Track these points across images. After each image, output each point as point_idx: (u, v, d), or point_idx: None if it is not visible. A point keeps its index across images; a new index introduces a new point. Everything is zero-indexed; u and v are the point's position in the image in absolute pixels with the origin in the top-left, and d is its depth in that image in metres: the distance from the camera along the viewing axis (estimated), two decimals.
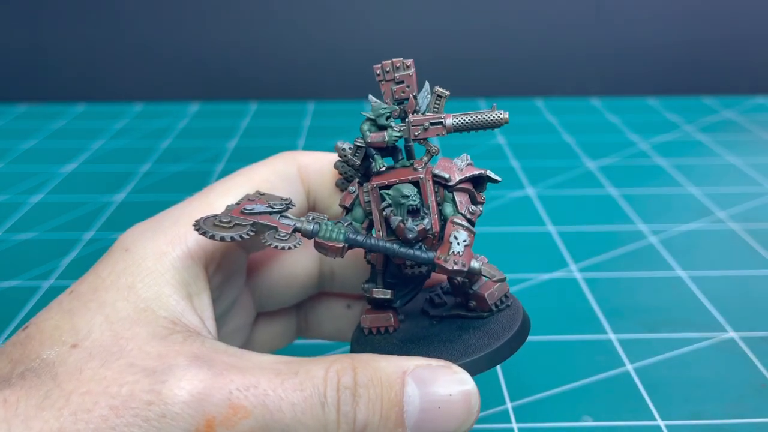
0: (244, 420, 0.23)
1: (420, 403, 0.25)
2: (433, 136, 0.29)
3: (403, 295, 0.32)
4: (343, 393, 0.24)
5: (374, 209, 0.29)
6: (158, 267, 0.27)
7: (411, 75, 0.29)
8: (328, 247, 0.28)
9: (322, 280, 0.36)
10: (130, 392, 0.23)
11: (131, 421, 0.22)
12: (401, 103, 0.29)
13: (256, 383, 0.24)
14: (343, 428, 0.24)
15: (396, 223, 0.28)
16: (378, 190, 0.29)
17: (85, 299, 0.27)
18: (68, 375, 0.23)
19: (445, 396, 0.25)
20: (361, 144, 0.30)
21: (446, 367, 0.26)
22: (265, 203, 0.29)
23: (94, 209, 0.68)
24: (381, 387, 0.25)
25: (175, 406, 0.23)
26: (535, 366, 0.44)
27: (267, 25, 1.00)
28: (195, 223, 0.27)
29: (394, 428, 0.25)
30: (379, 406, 0.24)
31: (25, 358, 0.25)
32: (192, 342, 0.25)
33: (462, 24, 1.00)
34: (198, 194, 0.32)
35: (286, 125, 0.93)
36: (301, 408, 0.23)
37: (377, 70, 0.29)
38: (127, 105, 1.02)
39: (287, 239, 0.27)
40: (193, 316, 0.27)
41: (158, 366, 0.24)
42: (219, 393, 0.23)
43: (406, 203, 0.28)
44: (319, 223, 0.28)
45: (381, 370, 0.25)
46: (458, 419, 0.25)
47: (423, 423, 0.25)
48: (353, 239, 0.28)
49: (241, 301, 0.35)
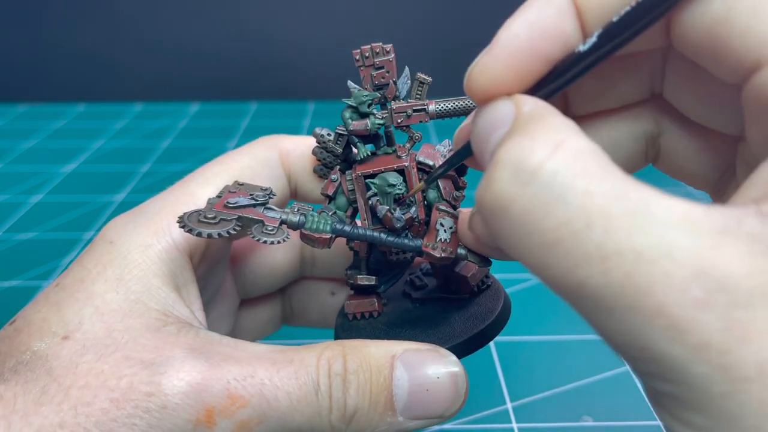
0: (242, 409, 0.23)
1: (409, 387, 0.25)
2: (416, 122, 0.29)
3: (386, 281, 0.32)
4: (335, 380, 0.24)
5: (359, 198, 0.29)
6: (144, 259, 0.27)
7: (391, 60, 0.29)
8: (315, 239, 0.28)
9: (303, 265, 0.37)
10: (129, 384, 0.23)
11: (132, 413, 0.22)
12: (381, 88, 0.29)
13: (253, 373, 0.24)
14: (335, 414, 0.24)
15: (383, 212, 0.28)
16: (363, 179, 0.29)
17: (72, 290, 0.27)
18: (64, 369, 0.23)
19: (432, 379, 0.25)
20: (342, 132, 0.30)
21: (434, 351, 0.26)
22: (247, 194, 0.29)
23: (94, 209, 0.68)
24: (370, 372, 0.25)
25: (175, 397, 0.23)
26: (535, 366, 0.44)
27: (267, 25, 1.00)
28: (179, 220, 0.27)
29: (384, 412, 0.25)
30: (368, 391, 0.25)
31: (15, 351, 0.25)
32: (186, 333, 0.25)
33: (462, 24, 1.00)
34: (178, 183, 0.32)
35: (286, 125, 0.93)
36: (297, 396, 0.24)
37: (356, 55, 0.29)
38: (127, 105, 1.02)
39: (275, 233, 0.27)
40: (183, 308, 0.27)
41: (155, 358, 0.24)
42: (217, 383, 0.23)
43: (392, 192, 0.28)
44: (304, 215, 0.28)
45: (370, 355, 0.25)
46: (446, 401, 0.26)
47: (412, 406, 0.25)
48: (340, 230, 0.28)
49: (224, 288, 0.35)
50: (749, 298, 0.15)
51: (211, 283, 0.33)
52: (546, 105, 0.20)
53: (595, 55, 0.20)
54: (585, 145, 0.18)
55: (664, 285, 0.15)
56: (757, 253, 0.15)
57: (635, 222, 0.16)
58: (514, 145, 0.18)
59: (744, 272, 0.15)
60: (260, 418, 0.23)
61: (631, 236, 0.16)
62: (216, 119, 0.96)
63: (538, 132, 0.18)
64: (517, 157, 0.18)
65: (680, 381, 0.16)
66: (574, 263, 0.17)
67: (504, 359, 0.45)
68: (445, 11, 1.00)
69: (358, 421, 0.25)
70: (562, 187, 0.17)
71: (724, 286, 0.15)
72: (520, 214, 0.18)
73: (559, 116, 0.19)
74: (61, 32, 1.01)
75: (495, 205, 0.18)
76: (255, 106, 1.01)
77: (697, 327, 0.15)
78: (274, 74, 1.03)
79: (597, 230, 0.16)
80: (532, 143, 0.18)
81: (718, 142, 0.23)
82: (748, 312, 0.15)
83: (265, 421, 0.24)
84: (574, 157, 0.17)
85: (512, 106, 0.20)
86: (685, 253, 0.15)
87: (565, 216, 0.17)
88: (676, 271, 0.15)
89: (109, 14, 1.00)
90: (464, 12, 1.00)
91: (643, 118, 0.25)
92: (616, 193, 0.17)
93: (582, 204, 0.17)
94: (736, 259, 0.15)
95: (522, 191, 0.18)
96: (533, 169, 0.17)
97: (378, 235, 0.29)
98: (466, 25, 1.00)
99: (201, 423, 0.23)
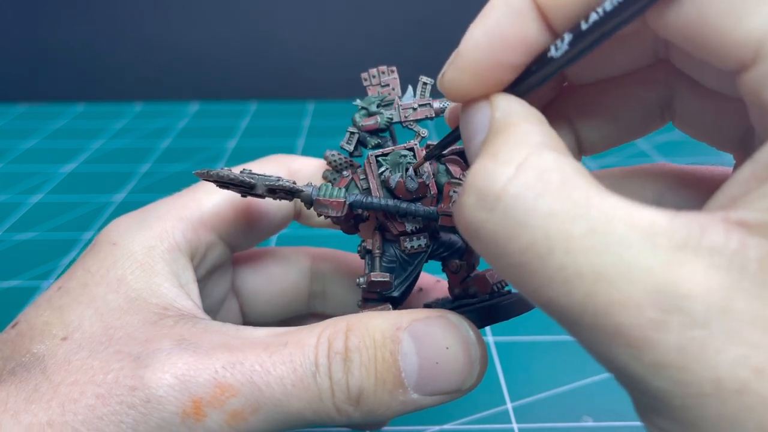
0: (232, 398, 0.22)
1: (418, 360, 0.23)
2: (422, 117, 0.31)
3: (400, 283, 0.32)
4: (334, 359, 0.23)
5: (371, 179, 0.30)
6: (148, 260, 0.27)
7: (395, 79, 0.31)
8: (329, 204, 0.28)
9: (313, 299, 0.36)
10: (114, 379, 0.22)
11: (117, 409, 0.22)
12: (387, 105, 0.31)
13: (242, 359, 0.23)
14: (338, 396, 0.23)
15: (396, 179, 0.29)
16: (375, 159, 0.30)
17: (76, 294, 0.26)
18: (57, 367, 0.23)
19: (442, 349, 0.23)
20: (354, 131, 0.31)
21: (442, 317, 0.24)
22: None
23: (94, 209, 0.68)
24: (374, 348, 0.23)
25: (159, 389, 0.22)
26: (535, 366, 0.44)
27: (267, 24, 1.00)
28: (201, 173, 0.26)
29: (394, 389, 0.23)
30: (372, 368, 0.23)
31: (16, 354, 0.25)
32: (183, 324, 0.25)
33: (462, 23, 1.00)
34: (184, 190, 0.32)
35: (286, 125, 0.93)
36: (291, 381, 0.22)
37: (364, 77, 0.31)
38: (126, 105, 1.02)
39: (286, 182, 0.28)
40: (186, 300, 0.27)
41: (143, 351, 0.23)
42: (204, 373, 0.22)
43: (404, 161, 0.29)
44: (318, 187, 0.29)
45: (375, 328, 0.24)
46: (460, 374, 0.24)
47: (424, 381, 0.23)
48: (354, 196, 0.29)
49: (227, 307, 0.35)
50: (706, 316, 0.15)
51: (211, 292, 0.33)
52: (518, 107, 0.20)
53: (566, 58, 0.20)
54: (548, 160, 0.18)
55: (621, 306, 0.15)
56: (716, 267, 0.15)
57: (594, 242, 0.16)
58: (478, 169, 0.18)
59: (701, 290, 0.15)
60: (254, 406, 0.22)
61: (589, 257, 0.16)
62: (216, 119, 0.96)
63: (502, 150, 0.18)
64: (481, 182, 0.18)
65: (644, 392, 0.16)
66: (540, 284, 0.17)
67: (504, 359, 0.45)
68: (444, 11, 1.00)
69: (366, 401, 0.23)
70: (524, 211, 0.17)
71: (680, 306, 0.15)
72: (488, 239, 0.18)
73: (529, 122, 0.19)
74: (61, 32, 1.00)
75: (465, 230, 0.19)
76: (255, 106, 1.01)
77: (653, 346, 0.15)
78: (274, 74, 1.03)
79: (558, 253, 0.16)
80: (495, 166, 0.18)
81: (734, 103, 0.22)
82: (705, 330, 0.15)
83: (260, 409, 0.22)
84: (536, 176, 0.17)
85: (488, 111, 0.21)
86: (641, 272, 0.15)
87: (529, 240, 0.17)
88: (632, 291, 0.15)
89: (109, 14, 1.00)
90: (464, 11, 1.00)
91: (652, 81, 0.24)
92: (577, 211, 0.17)
93: (544, 226, 0.17)
94: (695, 275, 0.15)
95: (488, 217, 0.18)
96: (496, 195, 0.18)
97: (393, 202, 0.29)
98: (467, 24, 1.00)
99: (189, 415, 0.22)
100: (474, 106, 0.21)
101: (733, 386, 0.14)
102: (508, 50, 0.20)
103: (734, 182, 0.16)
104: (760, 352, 0.14)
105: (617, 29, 0.19)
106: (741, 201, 0.16)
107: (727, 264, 0.15)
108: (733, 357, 0.14)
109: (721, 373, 0.14)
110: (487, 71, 0.21)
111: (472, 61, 0.21)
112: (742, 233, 0.15)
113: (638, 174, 0.26)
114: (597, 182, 0.17)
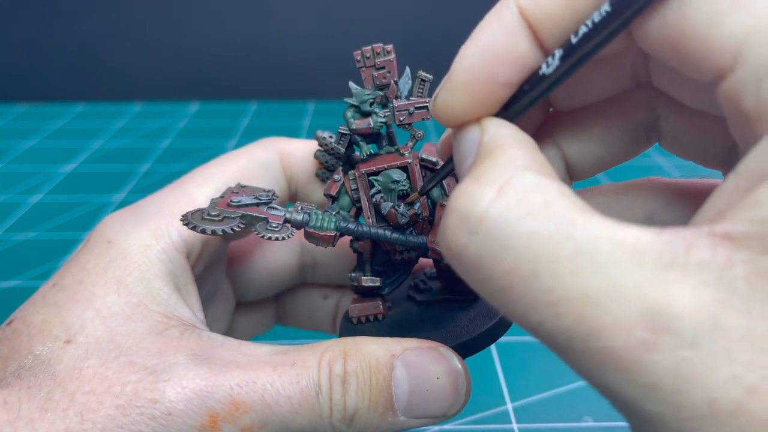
0: (245, 414, 0.23)
1: (408, 387, 0.25)
2: (418, 120, 0.29)
3: (390, 282, 0.32)
4: (335, 382, 0.24)
5: (363, 196, 0.29)
6: (144, 260, 0.27)
7: (392, 60, 0.29)
8: (319, 237, 0.28)
9: (303, 271, 0.36)
10: (134, 391, 0.23)
11: (138, 420, 0.23)
12: (382, 89, 0.29)
13: (255, 378, 0.24)
14: (335, 416, 0.24)
15: (387, 209, 0.28)
16: (366, 177, 0.29)
17: (72, 292, 0.27)
18: (68, 374, 0.23)
19: (432, 379, 0.25)
20: (345, 131, 0.30)
21: (434, 350, 0.26)
22: (250, 195, 0.29)
23: (94, 209, 0.68)
24: (370, 373, 0.25)
25: (180, 403, 0.23)
26: (535, 366, 0.44)
27: (267, 25, 1.00)
28: (183, 218, 0.27)
29: (384, 412, 0.25)
30: (368, 392, 0.25)
31: (16, 354, 0.25)
32: (189, 337, 0.25)
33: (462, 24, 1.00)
34: (175, 183, 0.32)
35: (286, 125, 0.93)
36: (298, 400, 0.24)
37: (357, 56, 0.29)
38: (126, 105, 1.02)
39: (279, 230, 0.27)
40: (185, 309, 0.27)
41: (158, 364, 0.24)
42: (221, 389, 0.24)
43: (396, 188, 0.28)
44: (308, 213, 0.28)
45: (371, 354, 0.25)
46: (447, 401, 0.26)
47: (413, 405, 0.25)
48: (344, 227, 0.28)
49: (221, 290, 0.35)
50: (695, 335, 0.14)
51: (208, 284, 0.33)
52: (508, 131, 0.20)
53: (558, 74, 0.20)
54: (531, 181, 0.17)
55: (611, 329, 0.15)
56: (704, 284, 0.15)
57: (581, 263, 0.16)
58: (461, 192, 0.18)
59: (690, 309, 0.15)
60: (263, 422, 0.24)
61: (577, 279, 0.16)
62: (216, 119, 0.96)
63: (485, 173, 0.18)
64: (462, 205, 0.18)
65: (640, 416, 0.15)
66: (526, 309, 0.16)
67: (504, 359, 0.45)
68: (444, 10, 1.00)
69: (359, 421, 0.25)
70: (506, 233, 0.17)
71: (670, 326, 0.15)
72: (471, 263, 0.18)
73: (516, 146, 0.19)
74: (60, 32, 1.00)
75: (448, 253, 0.18)
76: (255, 106, 1.01)
77: (645, 368, 0.15)
78: (274, 74, 1.03)
79: (544, 275, 0.16)
80: (477, 188, 0.18)
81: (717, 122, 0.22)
82: (695, 350, 0.14)
83: (268, 425, 0.24)
84: (518, 197, 0.17)
85: (478, 134, 0.20)
86: (629, 293, 0.15)
87: (513, 263, 0.16)
88: (621, 313, 0.15)
89: (109, 14, 1.00)
90: (463, 11, 1.00)
91: (635, 105, 0.25)
92: (561, 232, 0.16)
93: (527, 248, 0.16)
94: (682, 293, 0.15)
95: (469, 240, 0.17)
96: (478, 218, 0.17)
97: (383, 232, 0.29)
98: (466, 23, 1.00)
99: (205, 428, 0.23)
100: (465, 129, 0.21)
101: (728, 408, 0.14)
102: (501, 67, 0.20)
103: (719, 195, 0.16)
104: (752, 371, 0.14)
105: (606, 42, 0.19)
106: (727, 214, 0.15)
107: (715, 280, 0.15)
108: (725, 377, 0.14)
109: (715, 394, 0.14)
110: (480, 90, 0.21)
111: (466, 79, 0.21)
112: (728, 247, 0.15)
113: (628, 189, 0.27)
114: (582, 203, 0.17)
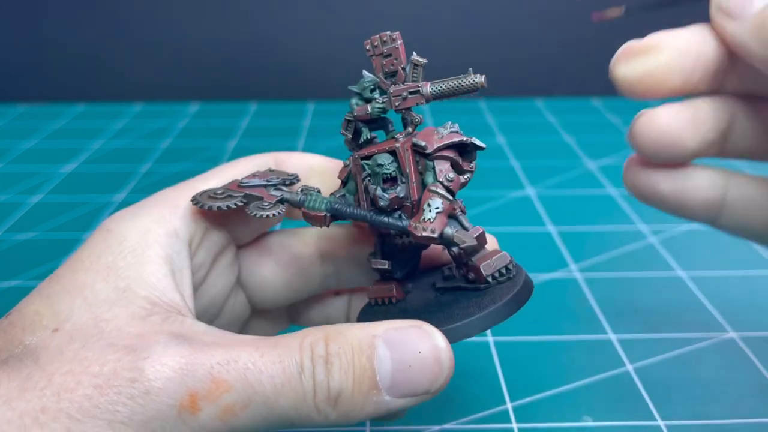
0: (226, 393, 0.23)
1: (391, 364, 0.25)
2: (413, 105, 0.29)
3: (401, 267, 0.32)
4: (317, 362, 0.24)
5: (358, 180, 0.30)
6: (141, 244, 0.28)
7: (398, 47, 0.29)
8: (311, 217, 0.29)
9: (325, 280, 0.36)
10: (112, 370, 0.23)
11: (115, 399, 0.22)
12: (392, 75, 0.30)
13: (236, 357, 0.24)
14: (319, 397, 0.24)
15: (372, 192, 0.29)
16: (360, 161, 0.30)
17: (65, 282, 0.27)
18: (50, 357, 0.24)
19: (414, 354, 0.25)
20: (350, 118, 0.31)
21: (416, 327, 0.26)
22: (266, 177, 0.30)
23: (94, 209, 0.68)
24: (352, 353, 0.25)
25: (158, 381, 0.23)
26: (535, 366, 0.44)
27: (267, 25, 1.00)
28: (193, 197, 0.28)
29: (368, 391, 0.25)
30: (351, 372, 0.24)
31: (9, 345, 0.25)
32: (172, 322, 0.25)
33: (462, 25, 1.00)
34: (183, 183, 0.33)
35: (286, 125, 0.93)
36: (281, 380, 0.24)
37: (367, 45, 0.30)
38: (126, 105, 1.02)
39: (269, 208, 0.28)
40: (174, 293, 0.27)
41: (138, 344, 0.24)
42: (201, 368, 0.23)
43: (380, 172, 0.29)
44: (306, 194, 0.29)
45: (352, 336, 0.25)
46: (430, 376, 0.25)
47: (397, 383, 0.25)
48: (335, 209, 0.29)
49: (235, 298, 0.35)
50: None
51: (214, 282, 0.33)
52: None
53: None
54: None
55: None
56: None
57: None
58: None
59: None
60: (245, 402, 0.23)
61: None
62: (216, 119, 0.96)
63: None
64: None
65: None
66: None
67: (504, 359, 0.45)
68: (445, 11, 1.00)
69: (343, 402, 0.25)
70: None
71: None
72: None
73: None
74: (61, 32, 1.00)
75: None
76: (255, 106, 1.01)
77: None
78: (274, 74, 1.03)
79: None
80: None
81: None
82: None
83: (250, 405, 0.24)
84: None
85: None
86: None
87: None
88: None
89: (109, 14, 1.00)
90: (464, 11, 1.00)
91: None
92: None
93: None
94: None
95: None
96: None
97: (365, 213, 0.29)
98: (467, 23, 1.00)
99: (185, 408, 0.23)
100: None
101: None
102: None
103: None
104: None
105: None
106: None
107: None
108: None
109: None
110: None
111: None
112: None
113: None
114: None
